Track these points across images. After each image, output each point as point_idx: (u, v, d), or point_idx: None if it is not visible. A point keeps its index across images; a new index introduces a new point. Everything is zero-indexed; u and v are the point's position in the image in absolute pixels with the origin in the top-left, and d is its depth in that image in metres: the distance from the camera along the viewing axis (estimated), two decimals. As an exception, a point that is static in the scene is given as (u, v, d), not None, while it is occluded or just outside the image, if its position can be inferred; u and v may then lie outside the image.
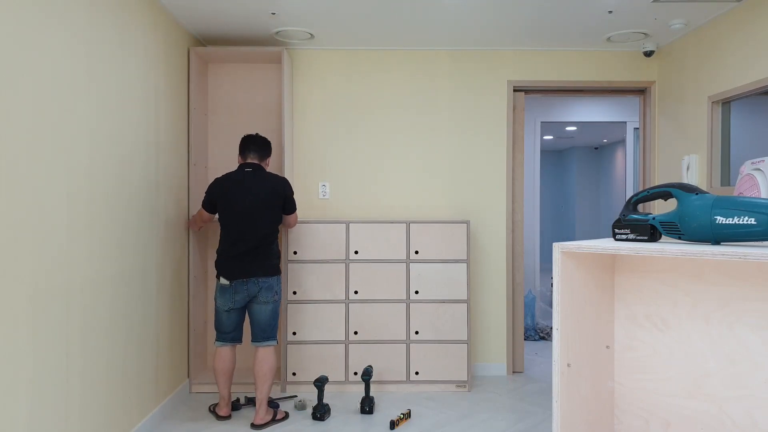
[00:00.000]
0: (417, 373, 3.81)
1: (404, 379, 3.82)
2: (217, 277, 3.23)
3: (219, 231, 4.19)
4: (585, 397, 1.49)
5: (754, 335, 1.32)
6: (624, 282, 1.55)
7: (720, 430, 1.39)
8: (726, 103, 3.49)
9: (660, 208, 4.09)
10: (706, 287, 1.41)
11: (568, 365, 1.41)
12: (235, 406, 3.48)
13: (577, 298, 1.44)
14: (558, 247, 1.38)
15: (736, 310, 1.35)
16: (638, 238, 1.33)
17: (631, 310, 1.54)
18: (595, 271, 1.49)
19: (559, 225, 11.25)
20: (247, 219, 3.19)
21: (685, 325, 1.45)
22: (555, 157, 11.43)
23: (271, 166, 4.19)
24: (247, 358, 4.17)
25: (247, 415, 3.41)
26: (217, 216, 3.41)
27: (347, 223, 3.82)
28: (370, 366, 3.48)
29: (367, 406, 3.39)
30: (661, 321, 1.49)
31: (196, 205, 3.87)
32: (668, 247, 1.20)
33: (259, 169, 3.28)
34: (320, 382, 3.33)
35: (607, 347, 1.56)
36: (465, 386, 3.83)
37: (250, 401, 3.56)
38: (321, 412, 3.30)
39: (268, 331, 3.25)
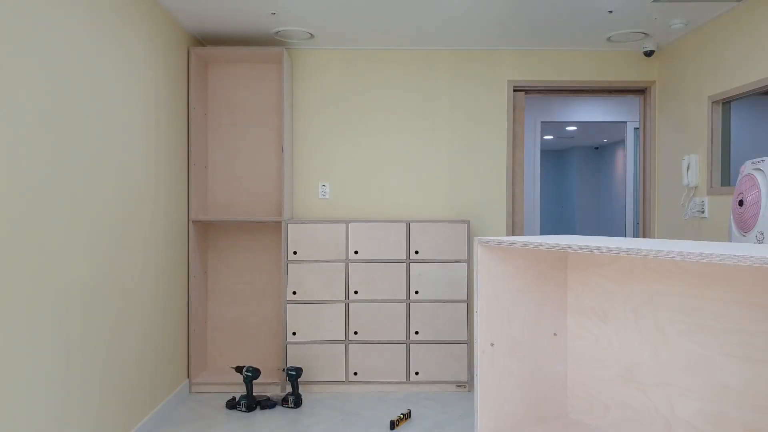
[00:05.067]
0: (417, 373, 3.81)
1: (404, 379, 3.82)
2: None
3: (220, 228, 4.19)
4: (521, 376, 1.64)
5: (671, 327, 1.47)
6: (575, 277, 1.73)
7: (646, 416, 1.53)
8: (726, 103, 3.49)
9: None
10: (636, 282, 1.55)
11: (492, 344, 1.56)
12: (231, 405, 3.49)
13: (502, 287, 1.60)
14: (476, 241, 1.55)
15: (659, 303, 1.50)
16: None
17: (580, 302, 1.71)
18: (537, 264, 1.67)
19: (560, 225, 11.25)
20: None
21: (620, 317, 1.60)
22: (555, 157, 11.42)
23: (270, 167, 4.17)
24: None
25: (245, 416, 3.41)
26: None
27: (347, 223, 3.82)
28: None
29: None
30: (603, 313, 1.65)
31: (196, 205, 3.86)
32: (600, 244, 1.31)
33: None
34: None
35: (555, 334, 1.72)
36: (465, 386, 3.83)
37: (241, 399, 3.55)
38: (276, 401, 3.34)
39: None
